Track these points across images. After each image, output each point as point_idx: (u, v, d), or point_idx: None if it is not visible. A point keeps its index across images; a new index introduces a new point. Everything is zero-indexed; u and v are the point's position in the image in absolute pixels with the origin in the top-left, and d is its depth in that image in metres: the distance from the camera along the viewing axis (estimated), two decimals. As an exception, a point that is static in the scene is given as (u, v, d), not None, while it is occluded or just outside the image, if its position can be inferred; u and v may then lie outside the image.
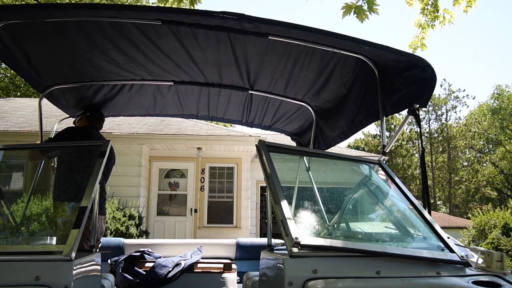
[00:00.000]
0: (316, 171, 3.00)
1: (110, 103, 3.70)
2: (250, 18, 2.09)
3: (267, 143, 2.18)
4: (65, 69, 2.99)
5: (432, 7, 5.52)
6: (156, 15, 2.26)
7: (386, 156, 2.61)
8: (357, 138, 40.37)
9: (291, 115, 3.91)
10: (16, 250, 1.77)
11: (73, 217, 1.74)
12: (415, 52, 5.75)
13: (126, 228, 7.91)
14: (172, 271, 3.61)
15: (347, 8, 4.76)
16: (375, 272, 1.59)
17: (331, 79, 2.98)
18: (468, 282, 1.59)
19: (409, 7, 5.66)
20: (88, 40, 2.58)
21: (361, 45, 2.28)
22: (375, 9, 4.69)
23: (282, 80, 3.20)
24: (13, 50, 2.52)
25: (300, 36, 2.38)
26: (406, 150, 35.51)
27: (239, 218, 10.27)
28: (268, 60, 2.86)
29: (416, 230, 2.18)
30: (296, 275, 1.52)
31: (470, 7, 5.40)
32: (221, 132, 10.05)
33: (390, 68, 2.47)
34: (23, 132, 9.01)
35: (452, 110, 37.10)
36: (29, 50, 2.61)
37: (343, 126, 3.24)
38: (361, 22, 4.73)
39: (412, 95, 2.37)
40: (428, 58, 2.21)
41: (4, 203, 2.60)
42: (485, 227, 11.89)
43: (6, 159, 2.82)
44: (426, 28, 5.64)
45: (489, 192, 36.01)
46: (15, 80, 21.30)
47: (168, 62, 2.97)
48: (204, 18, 2.20)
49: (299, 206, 2.41)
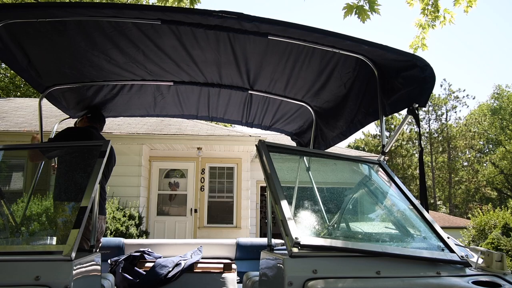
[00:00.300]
0: (316, 171, 3.00)
1: (110, 103, 3.70)
2: (249, 17, 2.09)
3: (267, 143, 2.18)
4: (65, 69, 2.98)
5: (433, 7, 5.52)
6: (156, 14, 2.26)
7: (386, 156, 2.61)
8: (357, 138, 40.39)
9: (291, 115, 3.91)
10: (16, 250, 1.77)
11: (73, 217, 1.74)
12: (415, 52, 5.75)
13: (126, 228, 7.91)
14: (172, 271, 3.61)
15: (349, 8, 4.75)
16: (375, 272, 1.59)
17: (331, 79, 2.98)
18: (468, 282, 1.59)
19: (409, 7, 5.67)
20: (88, 39, 2.58)
21: (360, 45, 2.28)
22: (377, 9, 4.68)
23: (282, 80, 3.20)
24: (13, 50, 2.52)
25: (299, 36, 2.38)
26: (406, 150, 35.50)
27: (239, 218, 10.27)
28: (268, 60, 2.86)
29: (416, 230, 2.18)
30: (296, 275, 1.52)
31: (470, 7, 5.40)
32: (221, 132, 10.05)
33: (389, 68, 2.47)
34: (23, 132, 9.01)
35: (452, 110, 37.11)
36: (29, 50, 2.61)
37: (342, 126, 3.24)
38: (363, 23, 4.72)
39: (411, 95, 2.37)
40: (428, 58, 2.22)
41: (4, 203, 2.60)
42: (485, 227, 11.88)
43: (6, 159, 2.81)
44: (426, 28, 5.64)
45: (489, 192, 36.01)
46: (15, 80, 21.31)
47: (168, 61, 2.96)
48: (203, 18, 2.20)
49: (299, 206, 2.41)
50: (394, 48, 2.23)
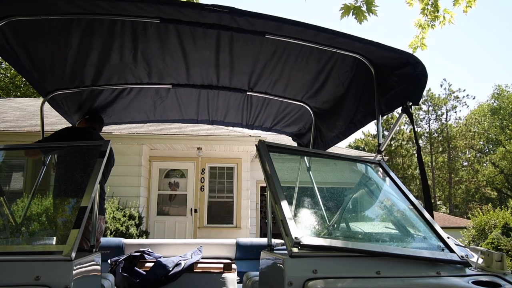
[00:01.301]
0: (316, 171, 2.99)
1: (110, 108, 3.70)
2: (240, 11, 2.08)
3: (267, 143, 2.18)
4: (66, 71, 2.98)
5: (432, 7, 5.51)
6: (154, 11, 2.22)
7: (383, 155, 2.62)
8: (357, 138, 40.38)
9: (291, 117, 3.91)
10: (16, 250, 1.77)
11: (73, 217, 1.74)
12: (415, 52, 5.76)
13: (126, 228, 7.91)
14: (172, 271, 3.60)
15: (346, 9, 4.75)
16: (375, 272, 1.59)
17: (329, 79, 2.98)
18: (468, 282, 1.59)
19: (409, 7, 5.66)
20: (88, 40, 2.58)
21: (353, 42, 2.27)
22: (374, 10, 4.67)
23: (280, 81, 3.20)
24: (16, 49, 2.51)
25: (295, 33, 2.37)
26: (406, 150, 35.48)
27: (239, 218, 10.27)
28: (265, 61, 2.86)
29: (416, 230, 2.18)
30: (296, 275, 1.52)
31: (470, 7, 5.40)
32: (221, 132, 10.05)
33: (385, 66, 2.48)
34: (23, 132, 9.01)
35: (452, 110, 37.09)
36: (32, 50, 2.60)
37: (341, 126, 3.24)
38: (360, 23, 4.72)
39: (405, 93, 2.37)
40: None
41: (4, 203, 2.60)
42: (485, 227, 11.88)
43: (6, 159, 2.81)
44: (426, 28, 5.64)
45: (489, 192, 36.00)
46: (15, 80, 21.32)
47: (166, 62, 2.96)
48: (196, 12, 2.18)
49: (299, 206, 2.41)
50: (386, 45, 2.23)
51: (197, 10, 2.14)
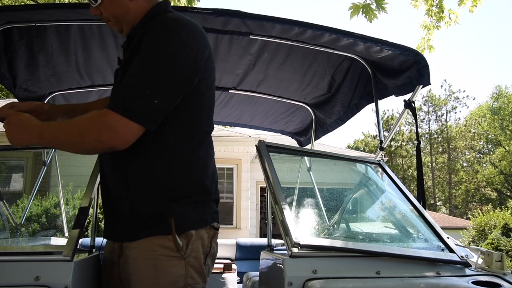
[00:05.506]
0: (316, 171, 3.00)
1: None
2: (221, 11, 2.04)
3: (267, 143, 2.18)
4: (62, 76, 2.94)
5: (437, 8, 5.50)
6: None
7: (385, 156, 2.62)
8: (356, 139, 40.42)
9: (288, 115, 3.89)
10: (16, 250, 1.77)
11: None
12: (422, 53, 5.74)
13: (126, 228, 7.89)
14: (172, 271, 3.60)
15: (355, 8, 4.64)
16: (375, 272, 1.59)
17: (326, 74, 2.97)
18: (468, 282, 1.59)
19: (414, 8, 5.66)
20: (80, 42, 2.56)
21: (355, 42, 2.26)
22: (384, 7, 4.55)
23: (275, 79, 3.17)
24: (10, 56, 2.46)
25: (280, 33, 2.33)
26: (406, 151, 35.51)
27: (239, 218, 10.27)
28: (256, 60, 2.84)
29: (416, 230, 2.19)
30: (296, 275, 1.52)
31: (475, 7, 5.38)
32: (220, 132, 10.04)
33: (381, 62, 2.49)
34: (23, 133, 8.99)
35: (452, 110, 37.10)
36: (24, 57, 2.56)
37: (339, 111, 3.24)
38: (370, 22, 4.61)
39: (412, 80, 2.33)
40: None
41: (4, 203, 2.60)
42: (485, 227, 11.90)
43: (6, 160, 2.81)
44: (431, 29, 5.62)
45: (489, 193, 36.01)
46: (15, 80, 21.28)
47: None
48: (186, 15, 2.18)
49: (299, 206, 2.41)
50: (375, 37, 2.20)
51: (182, 12, 2.14)
